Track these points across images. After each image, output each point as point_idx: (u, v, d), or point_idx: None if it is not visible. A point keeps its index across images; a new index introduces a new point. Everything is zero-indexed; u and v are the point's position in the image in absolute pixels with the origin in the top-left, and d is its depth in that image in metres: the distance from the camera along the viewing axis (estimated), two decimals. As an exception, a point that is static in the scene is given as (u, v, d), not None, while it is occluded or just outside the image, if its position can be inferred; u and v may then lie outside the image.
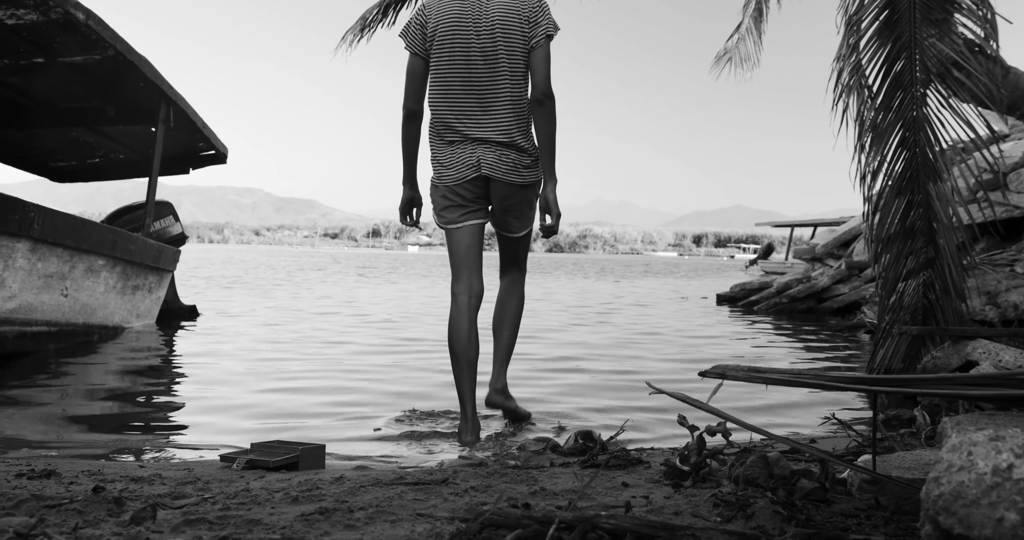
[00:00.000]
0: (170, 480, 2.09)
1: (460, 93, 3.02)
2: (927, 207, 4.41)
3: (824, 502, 1.75)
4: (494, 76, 3.01)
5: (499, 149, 3.03)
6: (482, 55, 3.00)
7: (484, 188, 3.09)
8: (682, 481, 1.94)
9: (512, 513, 1.45)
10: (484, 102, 3.02)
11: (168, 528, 1.46)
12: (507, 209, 3.15)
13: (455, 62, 3.01)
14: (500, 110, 3.02)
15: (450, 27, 3.00)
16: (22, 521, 1.35)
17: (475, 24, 3.00)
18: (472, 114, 3.03)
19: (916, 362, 4.58)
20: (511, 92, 3.03)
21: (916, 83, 4.46)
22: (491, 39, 2.99)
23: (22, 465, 2.30)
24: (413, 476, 2.08)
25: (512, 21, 2.99)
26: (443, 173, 3.08)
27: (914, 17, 4.58)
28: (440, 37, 3.01)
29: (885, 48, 4.66)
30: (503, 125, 3.02)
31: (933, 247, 4.41)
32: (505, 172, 3.04)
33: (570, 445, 2.77)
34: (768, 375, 1.73)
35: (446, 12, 3.02)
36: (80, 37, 4.97)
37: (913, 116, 4.46)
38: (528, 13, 3.01)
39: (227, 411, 3.57)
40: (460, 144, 3.06)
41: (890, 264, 4.62)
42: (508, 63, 3.00)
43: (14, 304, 4.63)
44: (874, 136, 4.60)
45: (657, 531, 1.42)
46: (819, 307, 10.69)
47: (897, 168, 4.54)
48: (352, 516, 1.55)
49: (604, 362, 5.34)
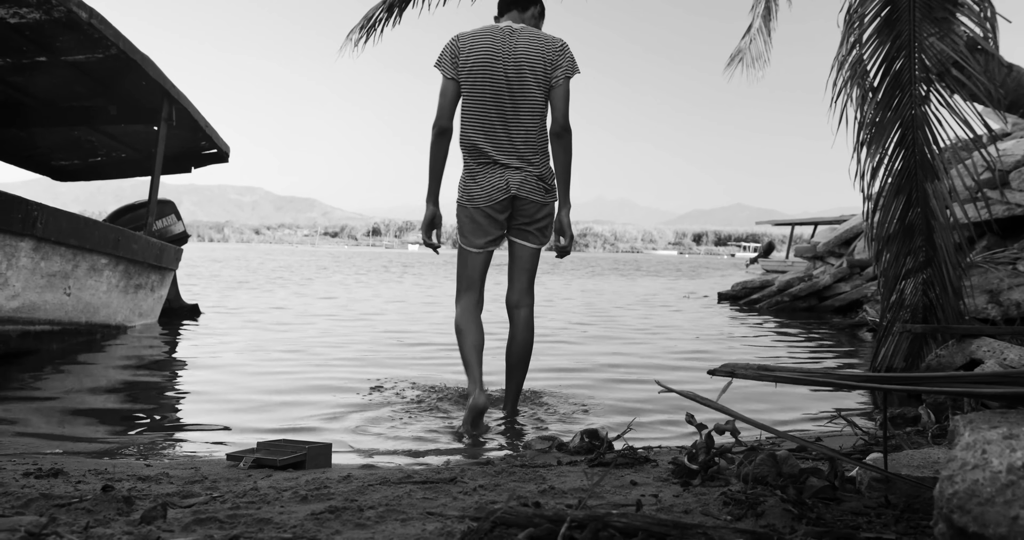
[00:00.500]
0: (177, 479, 2.09)
1: (488, 121, 3.31)
2: (925, 206, 4.41)
3: (834, 500, 1.75)
4: (518, 109, 3.31)
5: (523, 172, 3.32)
6: (508, 89, 3.29)
7: (509, 208, 3.36)
8: (691, 480, 1.94)
9: (523, 512, 1.45)
10: (509, 131, 3.31)
11: (179, 527, 1.46)
12: (530, 223, 3.40)
13: (485, 93, 3.30)
14: (523, 139, 3.32)
15: (481, 61, 3.29)
16: (33, 520, 1.35)
17: (504, 61, 3.29)
18: (499, 140, 3.31)
19: (919, 360, 4.58)
20: (533, 124, 3.34)
21: (915, 82, 4.45)
22: (518, 75, 3.29)
23: (29, 464, 2.30)
24: (421, 475, 2.08)
25: (537, 61, 3.30)
26: (475, 194, 3.34)
27: (914, 15, 4.57)
28: (472, 69, 3.30)
29: (885, 46, 4.65)
30: (526, 153, 3.32)
31: (931, 246, 4.41)
32: (530, 191, 3.33)
33: (576, 444, 2.77)
34: (777, 374, 1.73)
35: (479, 47, 3.31)
36: (82, 36, 4.96)
37: (912, 115, 4.45)
38: (552, 55, 3.32)
39: (230, 410, 3.57)
40: (490, 167, 3.32)
41: (890, 262, 4.62)
42: (532, 98, 3.31)
43: (17, 303, 4.63)
44: (873, 134, 4.60)
45: (669, 529, 1.42)
46: (820, 305, 10.69)
47: (896, 166, 4.53)
48: (362, 515, 1.55)
49: (610, 358, 5.34)
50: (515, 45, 3.30)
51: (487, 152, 3.31)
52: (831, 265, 12.57)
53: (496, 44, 3.30)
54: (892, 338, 4.66)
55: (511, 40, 3.31)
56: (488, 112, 3.30)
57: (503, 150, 3.30)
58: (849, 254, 11.58)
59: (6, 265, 4.42)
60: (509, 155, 3.31)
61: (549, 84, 3.31)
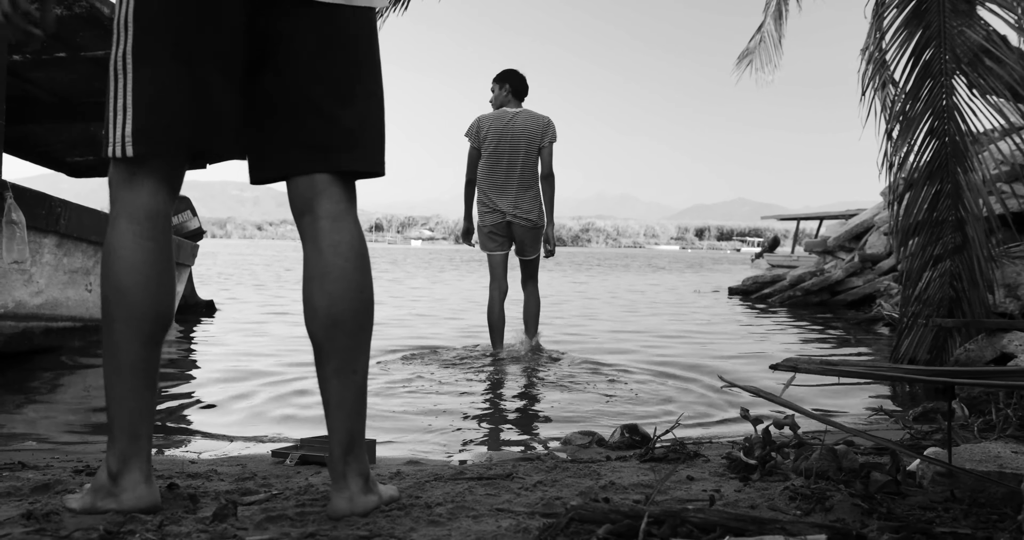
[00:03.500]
0: (227, 476, 2.08)
1: (495, 174, 5.19)
2: (955, 197, 4.39)
3: (898, 495, 1.74)
4: (513, 165, 5.16)
5: (515, 207, 5.16)
6: (508, 153, 5.16)
7: (508, 230, 5.24)
8: (749, 475, 1.93)
9: (598, 507, 1.44)
10: (508, 180, 5.17)
11: (251, 524, 1.44)
12: (523, 241, 5.26)
13: (492, 157, 5.18)
14: (516, 185, 5.17)
15: (492, 134, 5.17)
16: (111, 518, 1.34)
17: (506, 133, 5.16)
18: (500, 186, 5.18)
19: (943, 354, 4.56)
20: (525, 175, 5.18)
21: (946, 72, 4.43)
22: (514, 144, 5.16)
23: (75, 462, 2.29)
24: (473, 471, 2.06)
25: (532, 133, 5.17)
26: (485, 220, 5.26)
27: (943, 5, 4.55)
28: (487, 140, 5.19)
29: (913, 38, 4.63)
30: (519, 195, 5.17)
31: (961, 236, 4.38)
32: (516, 218, 5.17)
33: (616, 439, 2.76)
34: (842, 368, 1.72)
35: (490, 125, 5.20)
36: (104, 31, 4.93)
37: (943, 105, 4.43)
38: (540, 130, 5.19)
39: (257, 404, 3.56)
40: (493, 205, 5.20)
41: (915, 254, 4.60)
42: (525, 159, 5.17)
43: (41, 299, 4.62)
44: (903, 125, 4.58)
45: (746, 524, 1.40)
46: (833, 300, 10.67)
47: (925, 157, 4.51)
48: (431, 512, 1.54)
49: (638, 355, 5.33)
50: (515, 122, 5.17)
51: (493, 199, 5.17)
52: (841, 259, 12.54)
53: (502, 122, 5.18)
54: (916, 331, 4.64)
55: (513, 121, 5.17)
56: (495, 168, 5.16)
57: (503, 193, 5.15)
58: (860, 248, 11.55)
59: (31, 261, 4.41)
60: (507, 196, 5.15)
61: (539, 147, 5.17)
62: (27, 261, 4.00)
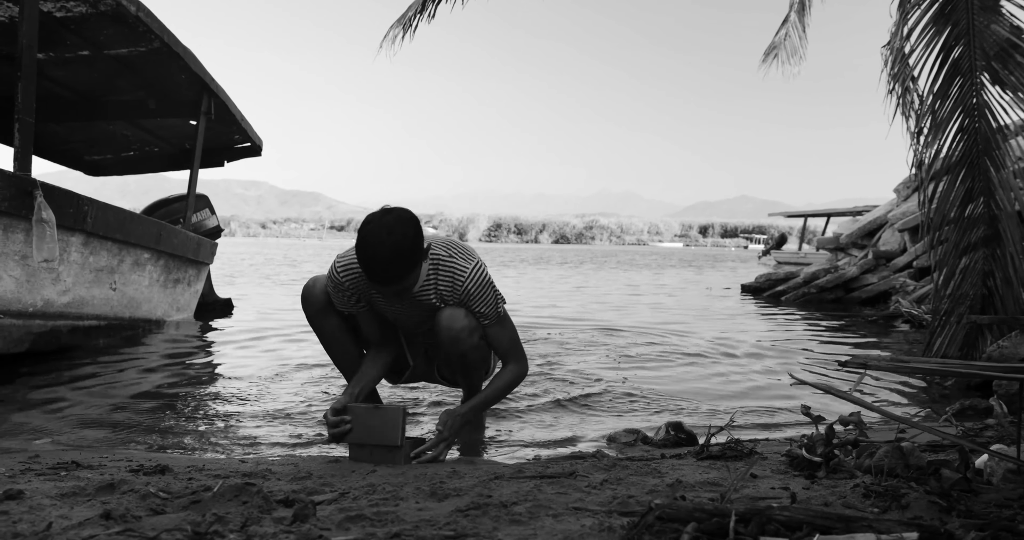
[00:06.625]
0: (283, 476, 2.07)
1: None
2: (987, 193, 4.36)
3: (971, 492, 1.72)
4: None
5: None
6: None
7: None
8: (814, 472, 1.91)
9: (683, 505, 1.43)
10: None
11: (333, 525, 1.43)
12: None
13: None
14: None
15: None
16: (196, 519, 1.33)
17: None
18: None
19: (974, 351, 4.54)
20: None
21: (975, 69, 4.40)
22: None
23: (127, 462, 2.28)
24: (532, 469, 2.05)
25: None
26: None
27: (971, 2, 4.52)
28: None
29: (941, 36, 4.60)
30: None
31: (993, 233, 4.36)
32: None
33: (661, 436, 2.75)
34: (913, 364, 1.70)
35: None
36: (127, 29, 4.92)
37: (973, 102, 4.41)
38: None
39: (287, 403, 3.55)
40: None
41: (948, 252, 4.58)
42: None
43: (68, 298, 4.62)
44: (932, 122, 4.55)
45: (833, 522, 1.39)
46: (847, 297, 10.63)
47: (956, 154, 4.49)
48: (509, 511, 1.53)
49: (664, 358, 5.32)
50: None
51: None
52: (854, 256, 12.50)
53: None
54: (948, 328, 4.62)
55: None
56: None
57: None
58: (874, 245, 11.50)
59: (58, 260, 4.40)
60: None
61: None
62: (56, 260, 3.99)
